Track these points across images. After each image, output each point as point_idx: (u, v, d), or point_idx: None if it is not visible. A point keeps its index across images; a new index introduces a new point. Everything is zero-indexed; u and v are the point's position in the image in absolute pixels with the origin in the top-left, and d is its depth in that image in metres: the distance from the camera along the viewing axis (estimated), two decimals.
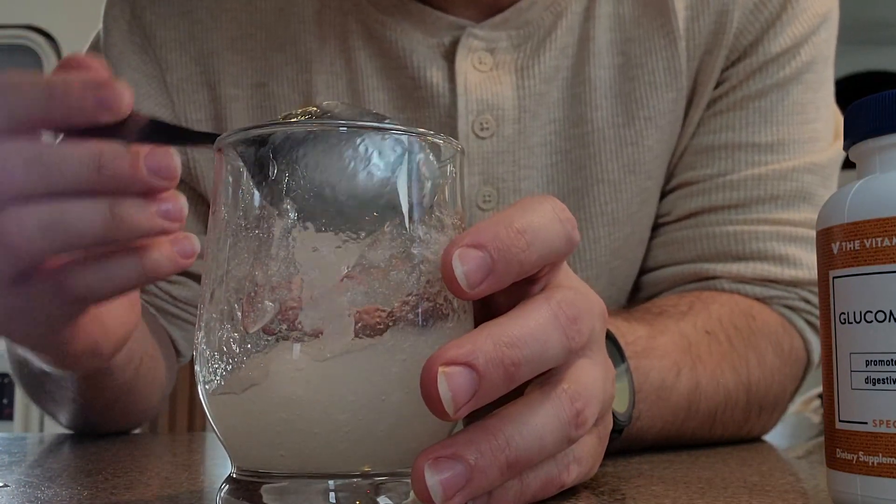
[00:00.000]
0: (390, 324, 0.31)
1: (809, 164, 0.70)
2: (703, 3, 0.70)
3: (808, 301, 0.69)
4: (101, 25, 0.73)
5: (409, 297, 0.31)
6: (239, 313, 0.31)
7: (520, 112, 0.69)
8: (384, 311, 0.31)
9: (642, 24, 0.70)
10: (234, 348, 0.31)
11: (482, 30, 0.68)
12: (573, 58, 0.70)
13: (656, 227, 0.74)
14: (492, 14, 0.68)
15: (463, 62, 0.67)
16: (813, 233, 0.65)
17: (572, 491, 0.38)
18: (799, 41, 0.70)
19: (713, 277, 0.69)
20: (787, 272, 0.68)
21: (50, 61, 2.54)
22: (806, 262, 0.68)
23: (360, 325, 0.30)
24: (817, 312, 0.66)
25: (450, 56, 0.68)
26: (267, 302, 0.30)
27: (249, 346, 0.31)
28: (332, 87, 0.69)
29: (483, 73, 0.68)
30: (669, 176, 0.73)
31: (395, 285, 0.31)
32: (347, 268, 0.31)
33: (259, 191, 0.32)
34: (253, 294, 0.31)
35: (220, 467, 0.47)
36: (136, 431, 0.72)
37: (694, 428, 0.58)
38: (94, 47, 0.74)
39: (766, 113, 0.70)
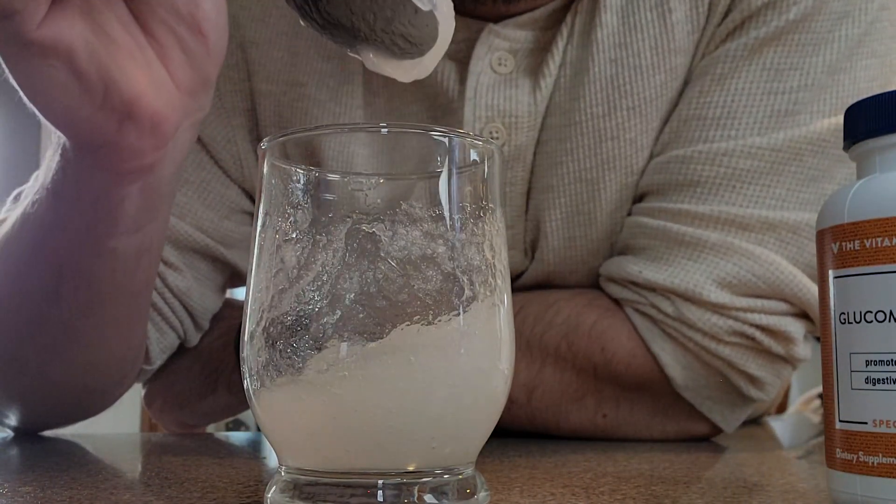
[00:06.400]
0: (433, 322, 0.31)
1: (754, 145, 0.59)
2: None
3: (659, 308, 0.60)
4: None
5: (453, 294, 0.32)
6: (302, 318, 0.31)
7: (535, 119, 0.64)
8: (428, 309, 0.31)
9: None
10: (290, 348, 0.31)
11: (504, 27, 0.63)
12: (581, 48, 0.63)
13: None
14: (507, 17, 0.63)
15: (478, 62, 0.63)
16: (715, 235, 0.59)
17: (571, 491, 0.38)
18: None
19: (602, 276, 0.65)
20: (646, 275, 0.60)
21: None
22: (681, 267, 0.59)
23: (405, 324, 0.31)
24: (677, 325, 0.59)
25: (465, 58, 0.63)
26: (325, 306, 0.31)
27: (306, 346, 0.31)
28: (371, 105, 0.66)
29: (500, 76, 0.63)
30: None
31: (437, 284, 0.31)
32: (394, 268, 0.31)
33: (309, 194, 0.33)
34: (316, 298, 0.31)
35: (221, 466, 0.47)
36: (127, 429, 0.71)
37: None
38: None
39: (723, 79, 0.60)
